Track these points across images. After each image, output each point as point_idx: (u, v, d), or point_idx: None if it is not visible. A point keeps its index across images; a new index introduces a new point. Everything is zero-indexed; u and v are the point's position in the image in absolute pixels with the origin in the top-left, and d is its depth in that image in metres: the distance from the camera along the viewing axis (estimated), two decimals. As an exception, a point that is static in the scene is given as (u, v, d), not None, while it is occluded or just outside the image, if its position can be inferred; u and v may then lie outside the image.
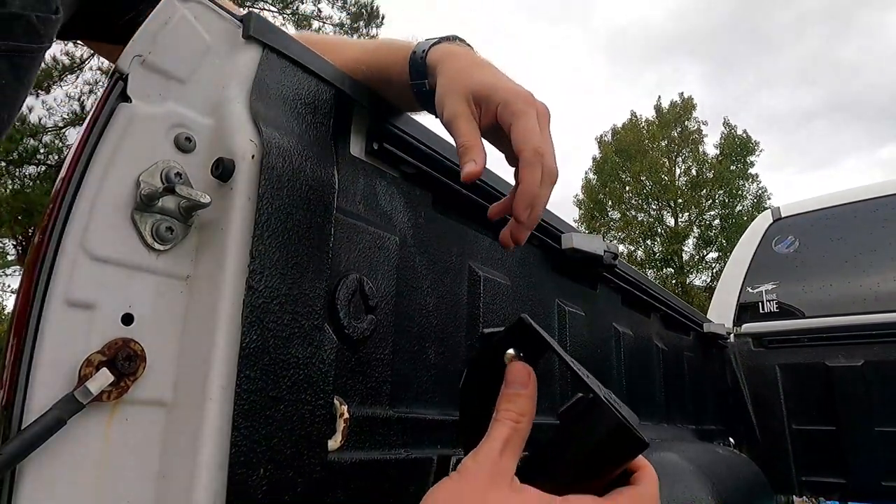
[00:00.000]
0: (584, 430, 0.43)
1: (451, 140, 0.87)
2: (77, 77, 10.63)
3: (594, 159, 24.38)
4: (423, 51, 0.66)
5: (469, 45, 0.70)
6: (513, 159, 0.60)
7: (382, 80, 0.72)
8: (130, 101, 0.50)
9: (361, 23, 12.32)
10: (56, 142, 10.27)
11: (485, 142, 0.63)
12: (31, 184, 9.97)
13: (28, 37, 0.52)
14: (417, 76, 0.68)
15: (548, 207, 1.15)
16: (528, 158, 0.57)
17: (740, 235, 2.94)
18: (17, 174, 9.96)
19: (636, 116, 24.26)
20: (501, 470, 0.40)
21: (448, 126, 0.63)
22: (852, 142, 42.46)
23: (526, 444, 0.44)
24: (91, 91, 10.56)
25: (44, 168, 10.06)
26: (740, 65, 40.51)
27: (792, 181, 39.12)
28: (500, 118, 0.60)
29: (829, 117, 41.64)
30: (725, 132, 22.94)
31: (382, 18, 12.55)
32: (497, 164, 1.00)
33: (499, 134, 0.62)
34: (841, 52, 42.24)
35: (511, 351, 0.47)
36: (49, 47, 0.56)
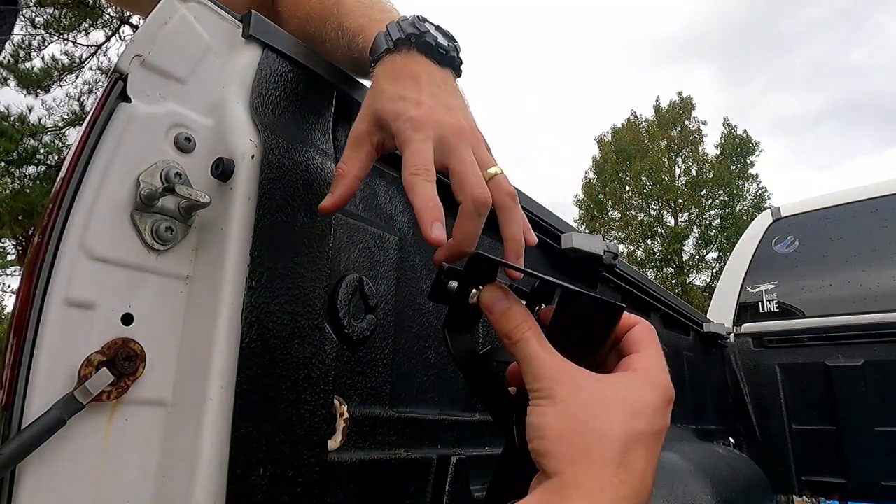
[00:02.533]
0: (568, 318, 0.45)
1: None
2: (77, 77, 10.64)
3: (594, 159, 24.38)
4: (373, 62, 0.61)
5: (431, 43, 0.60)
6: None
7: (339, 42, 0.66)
8: (130, 101, 0.50)
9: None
10: (56, 142, 10.27)
11: None
12: (31, 184, 9.97)
13: None
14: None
15: (547, 207, 1.16)
16: (409, 188, 0.51)
17: (740, 235, 2.94)
18: (17, 174, 9.96)
19: (636, 116, 24.27)
20: (569, 371, 0.42)
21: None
22: (860, 144, 42.58)
23: None
24: (91, 91, 10.57)
25: (44, 168, 10.06)
26: (751, 68, 40.65)
27: (800, 182, 39.27)
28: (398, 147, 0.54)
29: (838, 119, 41.76)
30: (725, 132, 22.96)
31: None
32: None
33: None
34: (851, 56, 42.38)
35: (473, 290, 0.48)
36: (8, 38, 0.55)
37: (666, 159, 23.13)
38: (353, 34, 0.64)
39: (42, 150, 10.09)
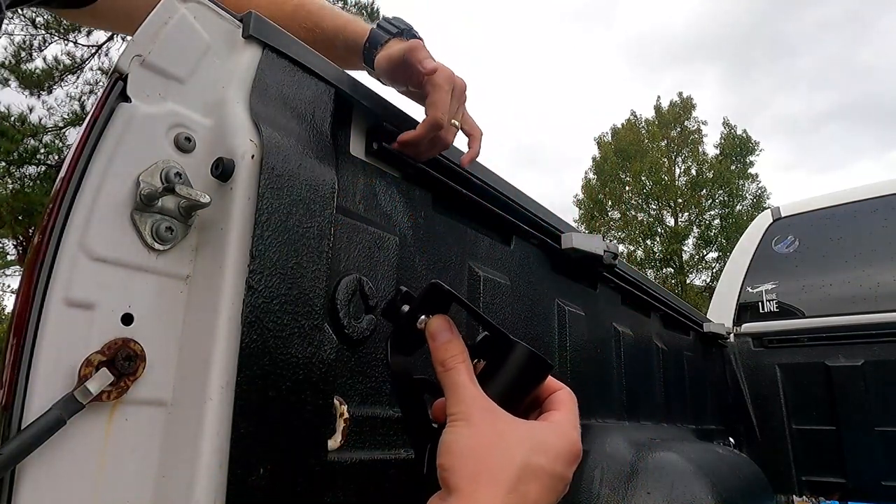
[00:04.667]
0: (501, 364, 0.50)
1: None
2: (77, 77, 10.64)
3: (594, 159, 24.38)
4: (373, 48, 0.84)
5: (419, 37, 0.84)
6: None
7: (325, 40, 0.87)
8: (130, 101, 0.50)
9: (361, 23, 12.31)
10: (56, 142, 10.27)
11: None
12: (31, 184, 9.97)
13: None
14: (370, 62, 0.85)
15: (547, 207, 1.16)
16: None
17: (740, 235, 2.94)
18: (17, 174, 9.96)
19: (636, 116, 24.27)
20: (489, 404, 0.46)
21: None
22: (864, 144, 42.60)
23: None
24: (91, 91, 10.57)
25: (44, 168, 10.06)
26: (758, 69, 40.71)
27: (804, 183, 39.29)
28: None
29: (843, 120, 41.80)
30: (725, 132, 22.95)
31: (382, 19, 12.54)
32: (490, 162, 1.00)
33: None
34: (857, 57, 42.41)
35: (422, 317, 0.52)
36: None
37: (666, 159, 23.12)
38: (334, 31, 0.87)
39: (42, 150, 10.09)
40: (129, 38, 0.53)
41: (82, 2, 0.72)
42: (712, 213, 22.42)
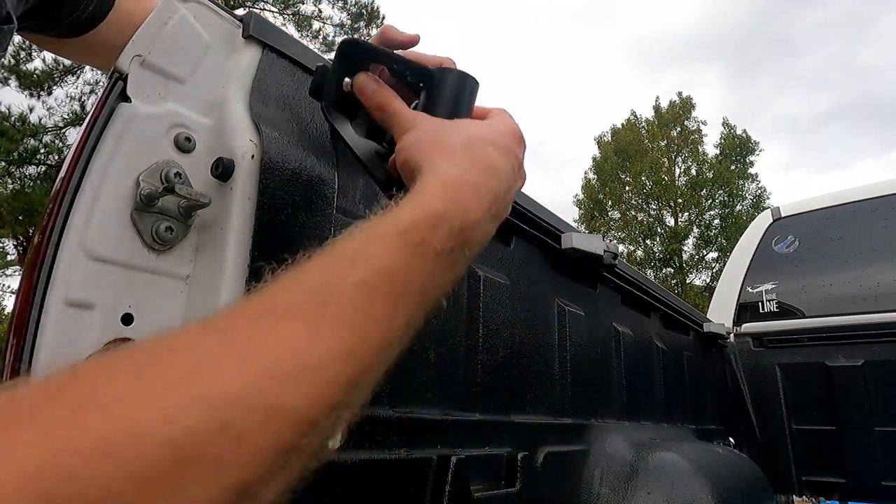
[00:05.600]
0: (433, 93, 0.54)
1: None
2: (77, 78, 10.64)
3: (594, 159, 24.38)
4: None
5: None
6: None
7: None
8: (130, 101, 0.50)
9: (362, 23, 12.32)
10: (56, 142, 10.27)
11: None
12: (31, 184, 9.97)
13: None
14: None
15: (547, 207, 1.16)
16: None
17: (740, 235, 2.94)
18: (17, 174, 9.96)
19: (636, 116, 24.27)
20: (430, 117, 0.51)
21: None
22: (865, 144, 42.59)
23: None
24: (92, 91, 10.57)
25: (44, 168, 10.06)
26: (759, 69, 40.73)
27: (805, 183, 39.28)
28: None
29: (843, 120, 41.79)
30: (725, 132, 22.95)
31: (383, 19, 12.56)
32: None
33: None
34: (858, 57, 42.42)
35: (347, 79, 0.55)
36: (3, 56, 0.55)
37: (666, 159, 23.12)
38: None
39: (42, 150, 10.09)
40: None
41: (80, 30, 0.67)
42: (712, 213, 22.42)
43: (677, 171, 23.20)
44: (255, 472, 0.26)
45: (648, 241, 22.82)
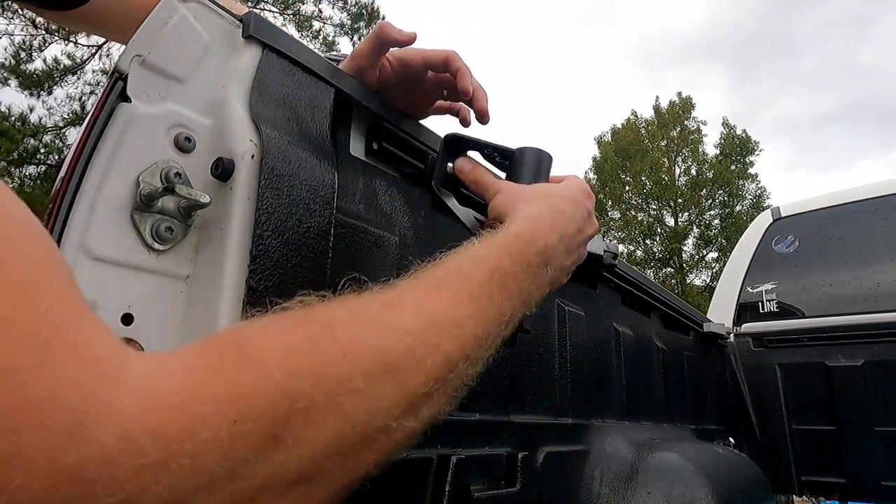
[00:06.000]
0: (517, 167, 0.68)
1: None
2: (78, 77, 10.64)
3: (594, 159, 24.38)
4: None
5: None
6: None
7: None
8: (130, 101, 0.50)
9: (362, 23, 12.32)
10: (56, 142, 10.26)
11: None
12: (31, 184, 9.97)
13: None
14: None
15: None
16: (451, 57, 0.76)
17: (740, 235, 2.94)
18: (17, 174, 9.96)
19: (636, 116, 24.26)
20: (514, 183, 0.66)
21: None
22: (865, 145, 42.55)
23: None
24: (92, 92, 10.56)
25: (44, 168, 10.06)
26: (760, 70, 40.74)
27: (807, 184, 39.27)
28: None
29: (844, 120, 41.77)
30: (725, 132, 22.94)
31: (383, 19, 12.55)
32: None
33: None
34: (859, 57, 42.41)
35: (449, 164, 0.71)
36: None
37: (666, 159, 23.11)
38: None
39: (42, 150, 10.09)
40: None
41: (68, 5, 0.70)
42: (712, 213, 22.41)
43: (677, 171, 23.19)
44: (422, 390, 0.37)
45: (648, 241, 22.81)
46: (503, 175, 0.70)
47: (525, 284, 0.51)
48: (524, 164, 0.67)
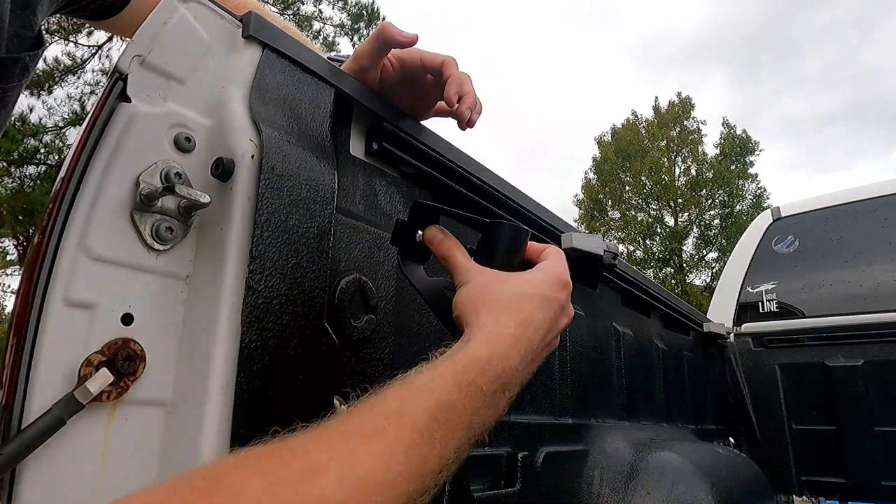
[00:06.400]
0: (488, 242, 0.62)
1: (451, 141, 0.87)
2: (78, 77, 10.64)
3: (594, 159, 24.37)
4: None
5: None
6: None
7: None
8: (130, 101, 0.50)
9: (362, 24, 12.32)
10: (56, 142, 10.26)
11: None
12: (31, 184, 9.97)
13: (21, 75, 0.54)
14: None
15: (547, 207, 1.16)
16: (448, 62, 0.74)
17: (740, 235, 2.94)
18: (17, 174, 9.96)
19: (636, 116, 24.26)
20: (482, 268, 0.59)
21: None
22: (867, 145, 42.53)
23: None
24: (92, 92, 10.56)
25: (44, 168, 10.05)
26: (763, 70, 40.75)
27: (806, 183, 39.22)
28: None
29: (847, 121, 41.74)
30: (725, 132, 22.94)
31: (383, 19, 12.55)
32: (492, 163, 1.00)
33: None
34: (862, 58, 42.40)
35: (419, 232, 0.64)
36: (30, 76, 0.59)
37: (666, 159, 23.10)
38: None
39: (42, 150, 10.08)
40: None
41: (107, 14, 0.76)
42: (712, 212, 22.40)
43: (677, 171, 23.19)
44: None
45: (648, 241, 22.81)
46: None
47: (476, 418, 0.46)
48: (498, 243, 0.61)
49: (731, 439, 2.27)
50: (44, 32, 0.56)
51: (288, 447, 0.36)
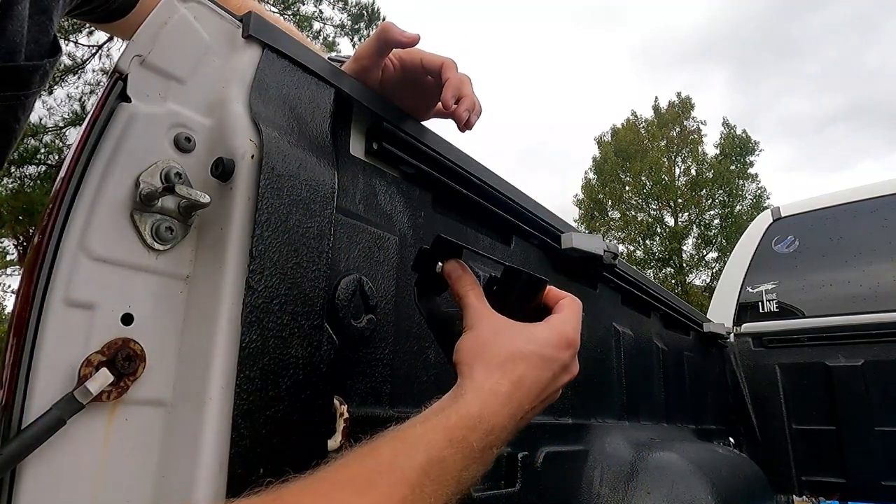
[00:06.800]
0: (507, 288, 0.63)
1: (451, 141, 0.87)
2: (78, 77, 10.64)
3: (594, 159, 24.37)
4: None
5: None
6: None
7: None
8: (130, 101, 0.50)
9: (362, 24, 12.31)
10: (56, 142, 10.26)
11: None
12: (31, 184, 9.97)
13: (41, 82, 0.54)
14: None
15: (547, 207, 1.16)
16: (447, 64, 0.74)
17: (740, 235, 2.94)
18: (17, 174, 9.96)
19: (636, 116, 24.26)
20: (492, 314, 0.58)
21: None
22: (869, 145, 42.51)
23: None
24: (92, 92, 10.55)
25: (44, 168, 10.06)
26: (764, 70, 40.74)
27: (807, 184, 39.18)
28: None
29: (848, 121, 41.73)
30: (725, 132, 22.94)
31: (383, 20, 12.55)
32: (493, 163, 1.00)
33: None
34: (862, 58, 42.40)
35: (440, 263, 0.64)
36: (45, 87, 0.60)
37: (666, 159, 23.10)
38: None
39: (42, 150, 10.08)
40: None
41: (114, 17, 0.76)
42: (712, 212, 22.40)
43: (677, 171, 23.19)
44: None
45: (648, 241, 22.81)
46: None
47: (466, 473, 0.47)
48: (513, 290, 0.63)
49: (731, 439, 2.27)
50: (58, 37, 0.56)
51: (282, 501, 0.37)
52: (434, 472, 0.43)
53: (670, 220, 22.90)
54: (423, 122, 0.83)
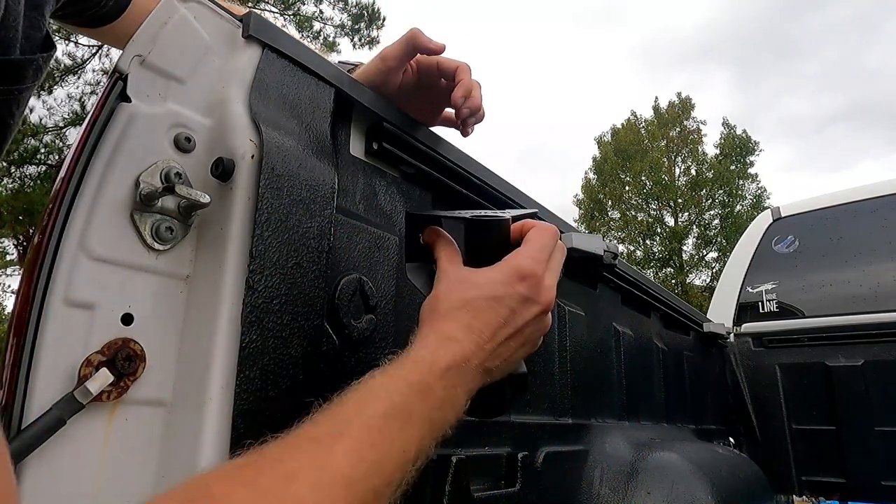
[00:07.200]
0: (474, 238, 0.63)
1: (451, 141, 0.87)
2: (78, 77, 10.64)
3: (594, 159, 24.37)
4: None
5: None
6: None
7: None
8: (130, 101, 0.50)
9: (363, 24, 12.31)
10: (56, 142, 10.26)
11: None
12: (31, 184, 9.97)
13: (35, 76, 0.54)
14: None
15: (547, 207, 1.16)
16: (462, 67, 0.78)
17: (740, 235, 2.94)
18: (17, 174, 9.96)
19: (636, 116, 24.25)
20: (454, 270, 0.60)
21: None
22: (869, 145, 42.49)
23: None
24: (92, 92, 10.55)
25: (44, 168, 10.06)
26: (764, 71, 40.76)
27: (808, 184, 39.15)
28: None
29: (848, 121, 41.72)
30: (725, 132, 22.94)
31: (384, 20, 12.55)
32: (493, 163, 1.00)
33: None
34: (863, 59, 42.41)
35: (421, 235, 0.66)
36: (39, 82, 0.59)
37: (666, 159, 23.10)
38: None
39: (42, 150, 10.08)
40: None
41: (103, 21, 0.74)
42: (712, 212, 22.40)
43: (677, 171, 23.18)
44: None
45: (648, 241, 22.80)
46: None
47: (434, 413, 0.49)
48: (472, 240, 0.63)
49: (731, 439, 2.27)
50: (52, 34, 0.56)
51: (264, 457, 0.39)
52: (399, 414, 0.46)
53: (670, 220, 22.90)
54: (430, 129, 0.84)
